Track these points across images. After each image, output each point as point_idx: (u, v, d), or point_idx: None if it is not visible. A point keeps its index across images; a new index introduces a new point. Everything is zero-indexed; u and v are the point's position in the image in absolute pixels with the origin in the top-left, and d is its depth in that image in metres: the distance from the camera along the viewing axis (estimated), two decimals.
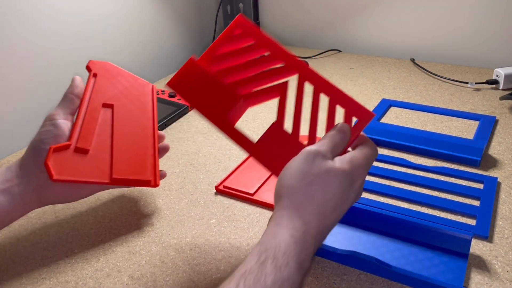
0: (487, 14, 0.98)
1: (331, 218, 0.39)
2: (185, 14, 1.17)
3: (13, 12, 0.77)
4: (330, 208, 0.39)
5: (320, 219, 0.38)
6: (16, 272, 0.51)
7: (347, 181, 0.40)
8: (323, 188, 0.39)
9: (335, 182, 0.39)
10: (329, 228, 0.40)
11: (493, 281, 0.46)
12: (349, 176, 0.40)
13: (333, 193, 0.39)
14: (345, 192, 0.40)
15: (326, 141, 0.43)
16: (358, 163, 0.41)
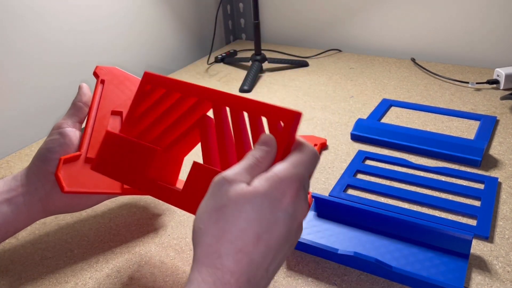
0: (487, 14, 0.98)
1: (256, 253, 0.32)
2: (185, 14, 1.16)
3: (12, 12, 0.77)
4: (249, 241, 0.32)
5: (238, 259, 0.32)
6: (16, 272, 0.51)
7: (266, 202, 0.33)
8: (233, 221, 0.33)
9: (246, 209, 0.33)
10: (264, 264, 0.33)
11: (494, 282, 0.46)
12: (267, 195, 0.33)
13: (247, 222, 0.33)
14: (267, 216, 0.33)
15: (238, 164, 0.36)
16: (281, 176, 0.35)
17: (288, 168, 0.35)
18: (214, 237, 0.33)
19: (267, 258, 0.33)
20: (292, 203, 0.34)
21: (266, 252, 0.33)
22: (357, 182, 0.63)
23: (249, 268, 0.32)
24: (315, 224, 0.55)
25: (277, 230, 0.34)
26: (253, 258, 0.33)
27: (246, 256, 0.32)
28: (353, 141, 0.74)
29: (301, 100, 0.90)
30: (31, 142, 0.83)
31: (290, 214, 0.34)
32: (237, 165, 0.36)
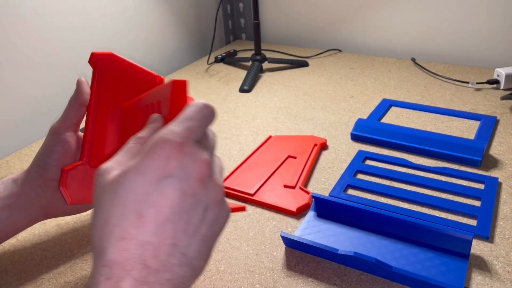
0: (488, 13, 0.98)
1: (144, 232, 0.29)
2: (185, 14, 1.16)
3: (13, 12, 0.76)
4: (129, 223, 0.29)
5: (121, 247, 0.29)
6: (16, 273, 0.51)
7: (140, 177, 0.30)
8: (109, 210, 0.30)
9: (120, 192, 0.30)
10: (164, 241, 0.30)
11: (494, 282, 0.46)
12: (139, 169, 0.30)
13: (123, 205, 0.30)
14: (144, 190, 0.30)
15: (119, 153, 0.34)
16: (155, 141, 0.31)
17: (165, 131, 0.31)
18: (98, 234, 0.30)
19: (166, 233, 0.30)
20: (177, 163, 0.30)
21: (157, 228, 0.29)
22: (357, 182, 0.62)
23: (141, 252, 0.29)
24: (315, 224, 0.55)
25: (165, 200, 0.30)
26: (143, 239, 0.29)
27: (132, 241, 0.29)
28: (353, 141, 0.74)
29: (301, 100, 0.90)
30: (31, 142, 0.83)
31: (177, 176, 0.30)
32: (118, 153, 0.34)
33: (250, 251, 0.52)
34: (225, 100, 0.93)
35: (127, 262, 0.29)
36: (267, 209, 0.59)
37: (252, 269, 0.50)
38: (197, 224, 0.31)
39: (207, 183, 0.32)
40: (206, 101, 0.34)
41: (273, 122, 0.82)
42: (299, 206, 0.58)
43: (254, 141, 0.76)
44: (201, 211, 0.32)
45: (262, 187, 0.62)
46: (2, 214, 0.47)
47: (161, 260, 0.29)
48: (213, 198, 0.33)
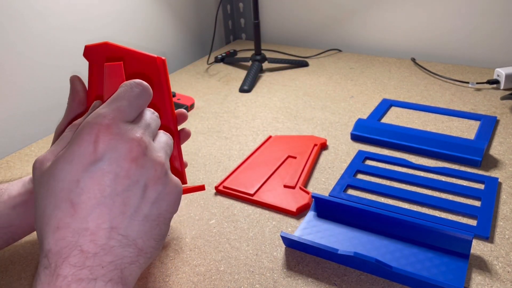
0: (487, 13, 0.98)
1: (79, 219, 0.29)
2: (185, 14, 1.16)
3: (13, 12, 0.76)
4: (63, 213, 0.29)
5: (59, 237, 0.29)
6: (16, 273, 0.51)
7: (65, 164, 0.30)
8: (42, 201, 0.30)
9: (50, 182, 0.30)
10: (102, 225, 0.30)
11: (494, 282, 0.46)
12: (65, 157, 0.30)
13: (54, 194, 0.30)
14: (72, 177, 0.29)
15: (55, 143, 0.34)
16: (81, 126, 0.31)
17: (90, 115, 0.31)
18: (37, 227, 0.31)
19: (101, 217, 0.29)
20: (103, 146, 0.30)
21: (92, 213, 0.29)
22: (357, 182, 0.62)
23: (77, 239, 0.29)
24: (315, 224, 0.55)
25: (96, 185, 0.29)
26: (78, 227, 0.29)
27: (67, 230, 0.29)
28: (353, 141, 0.74)
29: (301, 100, 0.90)
30: (31, 142, 0.83)
31: (105, 159, 0.30)
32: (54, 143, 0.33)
33: (250, 251, 0.52)
34: (225, 100, 0.93)
35: (63, 250, 0.29)
36: (267, 209, 0.59)
37: (252, 269, 0.49)
38: (136, 204, 0.31)
39: (143, 161, 0.31)
40: (139, 80, 0.33)
41: (273, 122, 0.82)
42: (299, 206, 0.58)
43: (254, 141, 0.76)
44: (139, 191, 0.31)
45: (262, 187, 0.62)
46: (19, 210, 0.47)
47: (100, 244, 0.29)
48: (152, 176, 0.32)
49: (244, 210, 0.59)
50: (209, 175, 0.67)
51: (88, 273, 0.29)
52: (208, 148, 0.75)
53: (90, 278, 0.29)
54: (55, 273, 0.28)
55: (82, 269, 0.29)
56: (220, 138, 0.77)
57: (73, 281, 0.28)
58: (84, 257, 0.29)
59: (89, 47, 0.47)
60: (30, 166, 0.73)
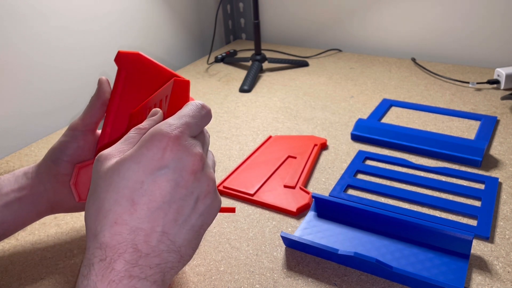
0: (488, 13, 0.98)
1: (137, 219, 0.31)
2: (185, 14, 1.16)
3: (14, 12, 0.76)
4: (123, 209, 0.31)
5: (116, 231, 0.31)
6: (15, 273, 0.51)
7: (136, 166, 0.31)
8: (104, 195, 0.32)
9: (115, 179, 0.31)
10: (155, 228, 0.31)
11: (494, 282, 0.46)
12: (136, 158, 0.32)
13: (117, 191, 0.31)
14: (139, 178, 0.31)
15: (120, 141, 0.35)
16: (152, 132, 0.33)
17: (163, 123, 0.33)
18: (92, 218, 0.32)
19: (157, 221, 0.31)
20: (172, 155, 0.32)
21: (149, 215, 0.31)
22: (357, 182, 0.62)
23: (133, 237, 0.31)
24: (315, 224, 0.55)
25: (158, 189, 0.31)
26: (135, 225, 0.31)
27: (124, 226, 0.31)
28: (353, 141, 0.74)
29: (301, 100, 0.90)
30: (31, 142, 0.83)
31: (171, 167, 0.32)
32: (119, 141, 0.35)
33: (250, 251, 0.52)
34: (225, 100, 0.93)
35: (120, 245, 0.30)
36: (267, 209, 0.59)
37: (252, 269, 0.49)
38: (187, 214, 0.33)
39: (200, 175, 0.34)
40: (203, 102, 0.36)
41: (273, 122, 0.82)
42: (299, 206, 0.58)
43: (254, 141, 0.76)
44: (192, 202, 0.33)
45: (262, 187, 0.62)
46: (13, 207, 0.47)
47: (151, 246, 0.31)
48: (205, 190, 0.34)
49: (244, 210, 0.59)
50: None
51: (139, 272, 0.30)
52: None
53: (140, 277, 0.30)
54: (109, 266, 0.30)
55: (135, 267, 0.30)
56: (220, 138, 0.77)
57: (125, 277, 0.30)
58: (137, 256, 0.31)
59: (122, 53, 0.48)
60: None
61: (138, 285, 0.30)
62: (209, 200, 0.35)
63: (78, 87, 0.90)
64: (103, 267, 0.30)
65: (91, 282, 0.29)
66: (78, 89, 0.91)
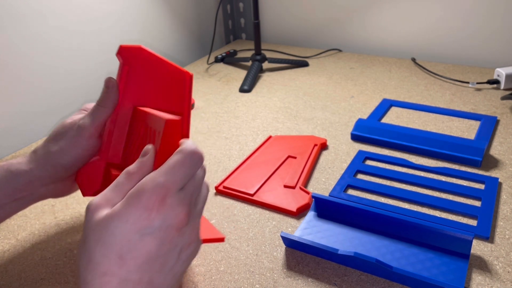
0: (488, 13, 0.98)
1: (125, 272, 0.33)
2: (185, 14, 1.16)
3: (14, 12, 0.76)
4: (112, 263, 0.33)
5: (105, 281, 0.32)
6: (15, 273, 0.51)
7: (123, 224, 0.33)
8: (94, 248, 0.33)
9: (104, 234, 0.33)
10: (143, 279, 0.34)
11: (494, 282, 0.46)
12: (123, 216, 0.33)
13: (107, 246, 0.33)
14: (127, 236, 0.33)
15: (109, 187, 0.36)
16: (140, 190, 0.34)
17: (152, 179, 0.34)
18: (82, 267, 0.34)
19: (144, 274, 0.34)
20: (158, 215, 0.34)
21: (137, 269, 0.33)
22: (357, 182, 0.62)
23: (122, 286, 0.33)
24: (315, 224, 0.55)
25: (144, 247, 0.33)
26: (124, 276, 0.33)
27: (113, 278, 0.33)
28: (353, 141, 0.74)
29: (301, 100, 0.90)
30: (31, 142, 0.83)
31: (157, 227, 0.34)
32: (104, 191, 0.36)
33: (250, 251, 0.52)
34: (225, 100, 0.93)
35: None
36: (267, 209, 0.59)
37: (252, 269, 0.49)
38: (172, 264, 0.35)
39: (184, 230, 0.36)
40: (195, 146, 0.36)
41: (273, 122, 0.82)
42: (299, 206, 0.58)
43: (254, 141, 0.76)
44: (176, 254, 0.36)
45: (262, 187, 0.62)
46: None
47: None
48: (188, 241, 0.36)
49: (244, 210, 0.59)
50: (209, 175, 0.67)
51: None
52: (208, 148, 0.75)
53: None
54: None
55: None
56: (220, 138, 0.77)
57: None
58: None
59: (124, 47, 0.47)
60: None
61: None
62: (192, 247, 0.37)
63: (78, 86, 0.90)
64: None
65: None
66: (78, 88, 0.91)
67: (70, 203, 0.62)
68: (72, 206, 0.62)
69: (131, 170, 0.36)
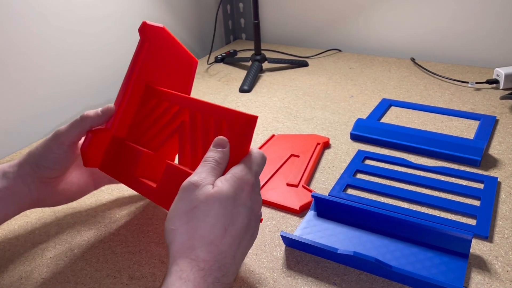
0: (487, 13, 0.98)
1: (225, 243, 0.38)
2: (185, 14, 1.16)
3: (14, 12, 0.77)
4: (218, 234, 0.38)
5: (211, 250, 0.38)
6: (16, 273, 0.51)
7: (228, 200, 0.39)
8: (203, 219, 0.38)
9: (215, 207, 0.39)
10: (230, 252, 0.39)
11: (493, 281, 0.46)
12: (229, 193, 0.40)
13: (216, 218, 0.38)
14: (229, 211, 0.39)
15: (201, 168, 0.42)
16: (238, 176, 0.41)
17: (243, 169, 0.42)
18: (186, 235, 0.38)
19: (233, 246, 0.39)
20: (249, 198, 0.41)
21: (231, 242, 0.39)
22: (357, 182, 0.63)
23: (219, 257, 0.38)
24: (315, 223, 0.55)
25: (239, 222, 0.40)
26: (222, 248, 0.38)
27: (217, 247, 0.38)
28: (353, 141, 0.74)
29: (301, 100, 0.90)
30: (31, 142, 0.83)
31: (248, 207, 0.41)
32: (200, 168, 0.42)
33: (250, 250, 0.52)
34: (225, 100, 0.93)
35: (212, 262, 0.38)
36: (268, 208, 0.59)
37: (252, 269, 0.50)
38: (245, 244, 0.41)
39: (258, 218, 0.43)
40: (261, 151, 0.45)
41: (273, 122, 0.82)
42: (302, 204, 0.58)
43: (254, 141, 0.76)
44: (249, 236, 0.42)
45: (265, 186, 0.62)
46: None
47: (226, 267, 0.39)
48: (256, 230, 0.44)
49: None
50: None
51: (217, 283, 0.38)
52: None
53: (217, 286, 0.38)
54: (205, 276, 0.37)
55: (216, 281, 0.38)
56: None
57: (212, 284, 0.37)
58: (221, 274, 0.38)
59: (148, 25, 0.50)
60: None
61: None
62: (254, 236, 0.43)
63: (78, 87, 0.90)
64: (201, 276, 0.36)
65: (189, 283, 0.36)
66: (79, 89, 0.91)
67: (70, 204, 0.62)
68: (72, 206, 0.62)
69: (217, 159, 0.42)
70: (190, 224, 0.38)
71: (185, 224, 0.38)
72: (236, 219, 0.40)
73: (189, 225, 0.38)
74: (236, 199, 0.40)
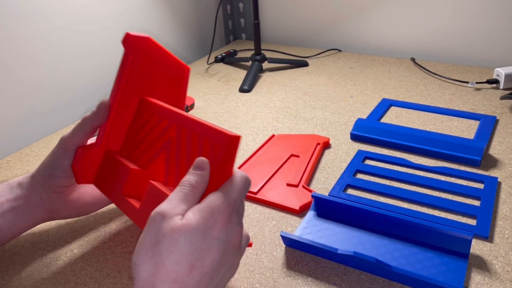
0: (487, 13, 0.98)
1: (191, 280, 0.35)
2: (185, 14, 1.16)
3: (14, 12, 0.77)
4: (182, 271, 0.35)
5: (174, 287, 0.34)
6: (16, 273, 0.51)
7: (196, 234, 0.35)
8: (167, 255, 0.35)
9: (179, 243, 0.35)
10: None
11: (493, 281, 0.46)
12: (199, 226, 0.36)
13: (181, 254, 0.35)
14: (199, 245, 0.35)
15: (174, 194, 0.38)
16: (213, 206, 0.37)
17: (220, 198, 0.38)
18: (149, 271, 0.35)
19: (202, 283, 0.36)
20: (224, 229, 0.37)
21: (199, 279, 0.35)
22: (357, 182, 0.63)
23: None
24: (315, 223, 0.55)
25: (210, 257, 0.36)
26: (188, 286, 0.35)
27: (181, 285, 0.35)
28: (353, 141, 0.74)
29: (301, 100, 0.90)
30: (31, 142, 0.83)
31: (222, 240, 0.37)
32: (173, 194, 0.38)
33: (250, 250, 0.52)
34: (225, 100, 0.93)
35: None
36: (267, 208, 0.59)
37: (252, 269, 0.50)
38: (221, 277, 0.38)
39: (237, 249, 0.39)
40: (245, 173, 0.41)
41: (273, 122, 0.82)
42: (302, 204, 0.58)
43: (254, 141, 0.76)
44: (225, 270, 0.38)
45: (265, 186, 0.63)
46: (9, 216, 0.49)
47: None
48: (237, 261, 0.40)
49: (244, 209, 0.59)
50: None
51: None
52: None
53: None
54: None
55: None
56: None
57: None
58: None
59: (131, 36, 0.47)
60: (30, 166, 0.73)
61: None
62: (233, 268, 0.40)
63: (78, 87, 0.91)
64: None
65: None
66: (79, 89, 0.91)
67: None
68: None
69: (193, 182, 0.39)
70: (154, 259, 0.35)
71: (149, 259, 0.35)
72: (206, 255, 0.36)
73: (152, 260, 0.35)
74: (207, 233, 0.36)
